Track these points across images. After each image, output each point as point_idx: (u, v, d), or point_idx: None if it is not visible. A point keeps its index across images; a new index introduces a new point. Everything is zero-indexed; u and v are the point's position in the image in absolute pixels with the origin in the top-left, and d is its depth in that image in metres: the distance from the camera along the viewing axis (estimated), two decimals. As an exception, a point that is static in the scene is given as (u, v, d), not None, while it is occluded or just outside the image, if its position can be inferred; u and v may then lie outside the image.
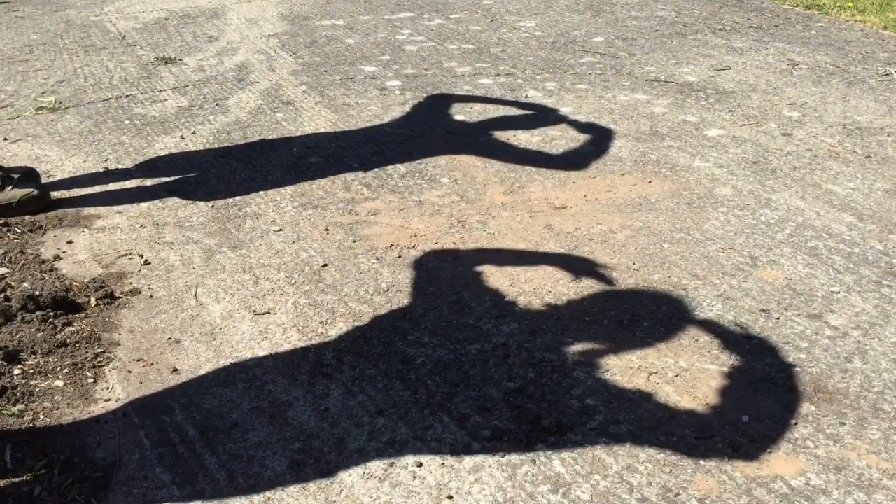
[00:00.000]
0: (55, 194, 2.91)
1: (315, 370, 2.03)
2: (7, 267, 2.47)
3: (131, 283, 2.40)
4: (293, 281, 2.41)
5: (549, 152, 3.26)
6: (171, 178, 3.06)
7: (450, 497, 1.66)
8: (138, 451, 1.78)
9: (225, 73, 4.21)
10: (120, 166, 3.16)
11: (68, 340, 2.12)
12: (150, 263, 2.51)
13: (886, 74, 4.17)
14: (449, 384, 1.98)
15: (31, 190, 2.80)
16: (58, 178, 3.05)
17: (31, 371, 2.01)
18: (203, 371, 2.03)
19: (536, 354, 2.08)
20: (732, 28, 5.03)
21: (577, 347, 2.11)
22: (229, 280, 2.42)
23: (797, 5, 5.55)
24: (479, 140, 3.39)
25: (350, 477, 1.71)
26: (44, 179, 2.96)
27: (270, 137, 3.43)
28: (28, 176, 2.84)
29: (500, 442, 1.80)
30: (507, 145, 3.33)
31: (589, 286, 2.37)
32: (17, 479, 1.69)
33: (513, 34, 4.90)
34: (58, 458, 1.75)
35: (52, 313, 2.21)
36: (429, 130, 3.49)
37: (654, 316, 2.24)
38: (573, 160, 3.20)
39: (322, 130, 3.50)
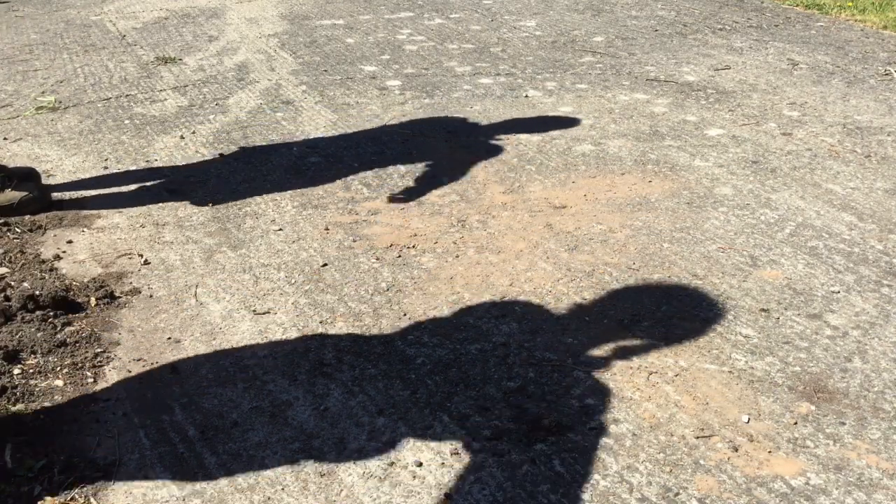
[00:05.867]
0: (55, 194, 2.91)
1: (315, 370, 2.03)
2: (7, 267, 2.47)
3: (131, 283, 2.40)
4: (293, 281, 2.41)
5: (549, 152, 3.26)
6: (171, 178, 3.06)
7: (450, 497, 1.66)
8: (138, 450, 1.78)
9: (225, 73, 4.21)
10: (120, 166, 3.16)
11: (68, 340, 2.12)
12: (149, 263, 2.51)
13: (886, 74, 4.16)
14: (449, 384, 1.98)
15: (31, 191, 2.80)
16: (58, 177, 3.05)
17: (31, 371, 2.01)
18: (203, 371, 2.03)
19: (536, 354, 2.08)
20: (732, 28, 5.03)
21: (577, 347, 2.11)
22: (229, 280, 2.42)
23: (797, 5, 5.54)
24: (479, 140, 3.39)
25: (350, 477, 1.71)
26: (44, 179, 2.96)
27: (270, 137, 3.43)
28: (28, 176, 2.84)
29: (500, 442, 1.80)
30: (507, 145, 3.33)
31: (589, 286, 2.37)
32: (17, 479, 1.69)
33: (513, 34, 4.90)
34: (58, 458, 1.75)
35: (52, 313, 2.21)
36: (429, 130, 3.49)
37: (654, 316, 2.24)
38: (573, 159, 3.20)
39: (322, 130, 3.50)
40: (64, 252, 2.57)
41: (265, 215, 2.79)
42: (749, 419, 1.86)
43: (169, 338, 2.16)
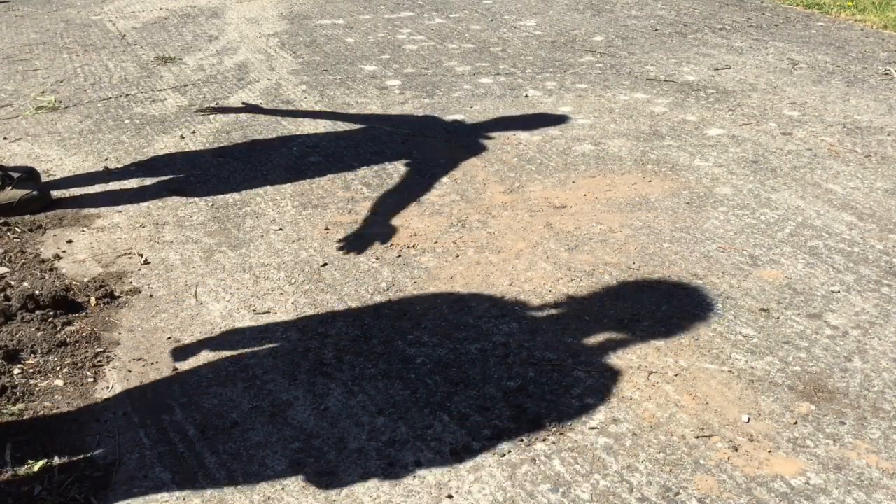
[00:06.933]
0: (55, 194, 2.91)
1: (315, 369, 2.03)
2: (7, 266, 2.47)
3: (131, 283, 2.40)
4: (293, 280, 2.41)
5: (549, 151, 3.26)
6: (171, 178, 3.06)
7: (450, 497, 1.66)
8: (138, 450, 1.78)
9: (225, 73, 4.21)
10: (120, 166, 3.16)
11: (68, 340, 2.12)
12: (149, 263, 2.51)
13: (886, 74, 4.16)
14: (449, 383, 1.98)
15: (31, 190, 2.80)
16: (58, 177, 3.05)
17: (31, 370, 2.01)
18: (203, 370, 2.03)
19: (536, 354, 2.08)
20: (732, 27, 5.03)
21: (577, 347, 2.11)
22: (229, 279, 2.42)
23: (797, 4, 5.54)
24: (479, 140, 3.39)
25: (350, 476, 1.71)
26: (44, 179, 2.96)
27: (270, 137, 3.43)
28: (28, 175, 2.84)
29: (500, 441, 1.80)
30: (507, 145, 3.33)
31: (589, 286, 2.37)
32: (17, 479, 1.69)
33: (513, 33, 4.90)
34: (58, 458, 1.75)
35: (51, 313, 2.21)
36: (429, 130, 3.49)
37: (654, 315, 2.24)
38: (573, 159, 3.20)
39: (322, 130, 3.50)
40: (64, 252, 2.57)
41: (265, 215, 2.79)
42: (749, 419, 1.86)
43: (169, 337, 2.16)
